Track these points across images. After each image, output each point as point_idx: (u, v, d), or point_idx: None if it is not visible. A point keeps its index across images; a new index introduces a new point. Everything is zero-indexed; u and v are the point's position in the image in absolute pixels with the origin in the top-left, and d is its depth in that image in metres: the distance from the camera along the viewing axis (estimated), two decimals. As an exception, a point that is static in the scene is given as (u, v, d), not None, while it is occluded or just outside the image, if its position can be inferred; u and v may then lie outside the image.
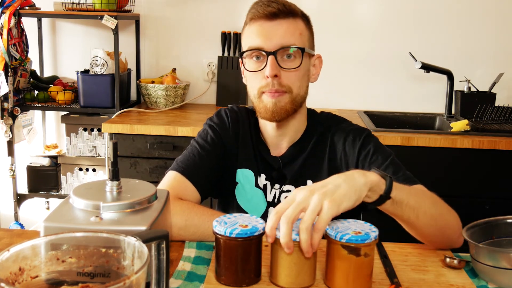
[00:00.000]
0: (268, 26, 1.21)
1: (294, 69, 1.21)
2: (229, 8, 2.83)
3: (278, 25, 1.21)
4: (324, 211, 0.89)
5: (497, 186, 2.30)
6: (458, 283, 0.98)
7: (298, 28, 1.23)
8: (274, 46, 1.20)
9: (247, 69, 1.25)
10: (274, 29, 1.21)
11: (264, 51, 1.20)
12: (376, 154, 1.25)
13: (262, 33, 1.21)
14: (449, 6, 2.75)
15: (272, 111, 1.23)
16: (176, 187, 1.23)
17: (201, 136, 1.35)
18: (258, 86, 1.23)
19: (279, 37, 1.20)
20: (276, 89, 1.21)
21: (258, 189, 1.33)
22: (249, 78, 1.27)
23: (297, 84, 1.23)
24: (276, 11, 1.20)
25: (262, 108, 1.24)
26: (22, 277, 0.68)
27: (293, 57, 1.22)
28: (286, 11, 1.21)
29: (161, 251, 0.77)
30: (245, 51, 1.24)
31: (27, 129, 2.83)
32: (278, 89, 1.21)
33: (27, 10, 2.65)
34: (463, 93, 2.63)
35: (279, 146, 1.33)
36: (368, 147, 1.26)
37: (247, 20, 1.25)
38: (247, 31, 1.25)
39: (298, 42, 1.22)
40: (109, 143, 2.55)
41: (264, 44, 1.20)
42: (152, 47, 2.95)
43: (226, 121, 1.37)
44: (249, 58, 1.24)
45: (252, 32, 1.23)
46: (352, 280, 0.92)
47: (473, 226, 1.04)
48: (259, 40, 1.21)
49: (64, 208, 0.86)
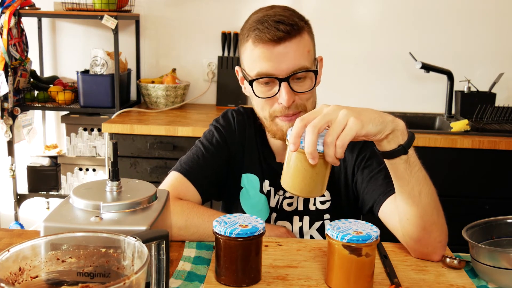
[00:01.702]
0: (277, 50, 1.13)
1: (308, 91, 1.18)
2: (229, 8, 2.83)
3: (288, 48, 1.13)
4: (349, 125, 0.88)
5: (497, 186, 2.30)
6: (458, 283, 0.98)
7: (306, 45, 1.16)
8: (286, 71, 1.13)
9: (257, 95, 1.18)
10: (283, 53, 1.13)
11: (276, 78, 1.14)
12: (372, 159, 1.23)
13: (271, 58, 1.13)
14: (449, 6, 2.75)
15: None
16: (177, 188, 1.22)
17: (207, 137, 1.33)
18: (270, 111, 1.19)
19: (290, 62, 1.13)
20: (293, 113, 1.18)
21: (262, 195, 1.31)
22: (258, 101, 1.20)
23: (310, 102, 1.20)
24: (284, 35, 1.12)
25: (277, 131, 1.21)
26: (22, 277, 0.68)
27: (303, 78, 1.17)
28: (294, 31, 1.13)
29: (161, 251, 0.77)
30: (255, 78, 1.16)
31: (27, 129, 2.83)
32: (295, 112, 1.18)
33: (27, 10, 2.65)
34: (463, 93, 2.63)
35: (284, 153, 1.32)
36: (365, 152, 1.25)
37: (248, 38, 1.16)
38: (252, 53, 1.16)
39: (308, 61, 1.16)
40: (109, 143, 2.55)
41: (275, 71, 1.13)
42: (152, 47, 2.95)
43: (233, 124, 1.35)
44: (258, 83, 1.17)
45: (258, 57, 1.14)
46: (353, 280, 0.92)
47: (473, 226, 1.04)
48: (268, 66, 1.13)
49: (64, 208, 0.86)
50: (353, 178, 1.26)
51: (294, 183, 0.93)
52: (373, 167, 1.22)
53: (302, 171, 0.91)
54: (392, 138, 0.94)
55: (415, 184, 0.99)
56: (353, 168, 1.26)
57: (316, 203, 1.29)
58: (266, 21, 1.13)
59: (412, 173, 0.98)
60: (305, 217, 1.29)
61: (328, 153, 0.87)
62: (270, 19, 1.13)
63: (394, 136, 0.94)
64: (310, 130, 0.87)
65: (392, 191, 1.12)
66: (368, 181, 1.21)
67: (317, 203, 1.29)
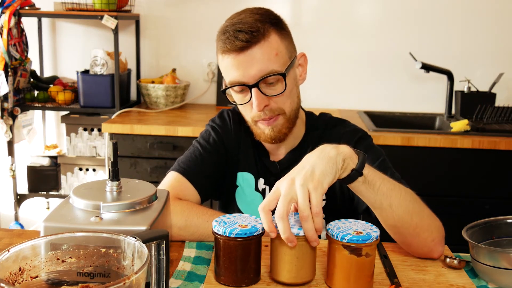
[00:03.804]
0: (241, 58, 1.15)
1: (281, 94, 1.18)
2: (229, 8, 2.80)
3: (251, 54, 1.14)
4: (313, 195, 0.91)
5: (497, 186, 2.29)
6: (458, 283, 0.98)
7: (273, 48, 1.16)
8: (254, 77, 1.15)
9: (235, 102, 1.23)
10: (248, 61, 1.14)
11: (245, 85, 1.16)
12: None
13: (237, 66, 1.15)
14: (449, 7, 2.75)
15: (271, 137, 1.22)
16: (176, 188, 1.22)
17: (203, 137, 1.35)
18: (250, 116, 1.22)
19: (256, 68, 1.14)
20: (269, 116, 1.20)
21: (257, 193, 1.32)
22: (240, 108, 1.26)
23: (288, 103, 1.21)
24: (244, 44, 1.13)
25: (260, 134, 1.24)
26: (22, 277, 0.69)
27: (274, 81, 1.17)
28: (255, 38, 1.13)
29: (161, 251, 0.77)
30: (227, 87, 1.20)
31: (27, 129, 2.83)
32: (271, 115, 1.20)
33: (27, 10, 2.65)
34: (463, 93, 2.63)
35: (277, 152, 1.33)
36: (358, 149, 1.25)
37: (218, 50, 1.20)
38: (222, 63, 1.19)
39: (277, 64, 1.16)
40: (109, 143, 2.55)
41: (243, 78, 1.16)
42: (152, 47, 2.95)
43: (228, 123, 1.36)
44: (232, 90, 1.21)
45: (227, 66, 1.18)
46: (353, 280, 0.92)
47: (473, 226, 1.04)
48: (236, 74, 1.16)
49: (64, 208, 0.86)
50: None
51: (277, 270, 0.94)
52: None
53: (284, 257, 0.93)
54: (345, 166, 0.97)
55: (383, 199, 1.01)
56: None
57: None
58: (227, 31, 1.16)
59: (374, 190, 1.00)
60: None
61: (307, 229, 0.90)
62: (231, 28, 1.16)
63: (345, 164, 0.97)
64: (278, 218, 0.90)
65: None
66: None
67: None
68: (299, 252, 0.92)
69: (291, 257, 0.92)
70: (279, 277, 0.94)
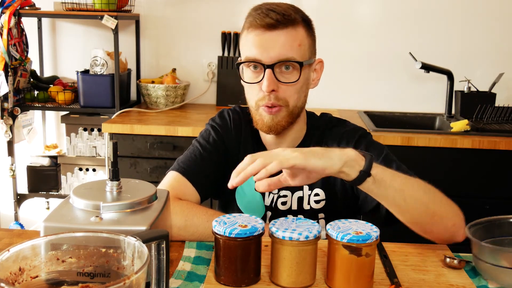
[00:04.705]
0: (266, 37, 1.16)
1: (292, 83, 1.19)
2: (229, 8, 2.83)
3: (277, 36, 1.16)
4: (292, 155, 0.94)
5: (497, 186, 2.29)
6: (458, 283, 0.98)
7: (298, 38, 1.18)
8: (272, 59, 1.16)
9: (244, 79, 1.22)
10: (272, 40, 1.16)
11: (262, 63, 1.17)
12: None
13: (259, 44, 1.16)
14: (449, 6, 2.75)
15: (268, 126, 1.22)
16: (176, 188, 1.22)
17: (203, 137, 1.34)
18: (255, 99, 1.22)
19: (277, 50, 1.15)
20: (272, 103, 1.19)
21: (257, 193, 1.32)
22: (247, 88, 1.25)
23: (294, 97, 1.21)
24: (274, 22, 1.15)
25: (259, 120, 1.23)
26: (22, 277, 0.68)
27: (291, 69, 1.18)
28: (285, 21, 1.15)
29: (161, 251, 0.77)
30: (242, 62, 1.21)
31: (27, 129, 2.83)
32: (275, 103, 1.19)
33: (27, 10, 2.65)
34: (463, 93, 2.63)
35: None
36: (360, 147, 1.25)
37: (245, 26, 1.21)
38: (245, 39, 1.20)
39: (297, 54, 1.17)
40: (109, 143, 2.55)
41: (261, 56, 1.16)
42: (152, 47, 2.95)
43: (229, 123, 1.36)
44: (246, 67, 1.21)
45: (249, 42, 1.18)
46: (353, 280, 0.92)
47: (475, 224, 1.04)
48: (256, 51, 1.17)
49: (64, 208, 0.86)
50: None
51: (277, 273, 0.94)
52: None
53: (284, 261, 0.93)
54: (350, 169, 0.97)
55: (396, 195, 1.01)
56: None
57: (310, 202, 1.29)
58: (260, 8, 1.18)
59: (386, 187, 1.00)
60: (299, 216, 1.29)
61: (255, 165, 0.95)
62: (265, 7, 1.18)
63: (350, 167, 0.97)
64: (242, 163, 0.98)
65: None
66: None
67: (312, 202, 1.29)
68: (299, 257, 0.92)
69: (291, 261, 0.92)
70: (279, 281, 0.94)
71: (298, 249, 0.91)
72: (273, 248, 0.94)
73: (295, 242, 0.91)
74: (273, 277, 0.95)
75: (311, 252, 0.93)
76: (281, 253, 0.92)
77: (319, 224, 0.97)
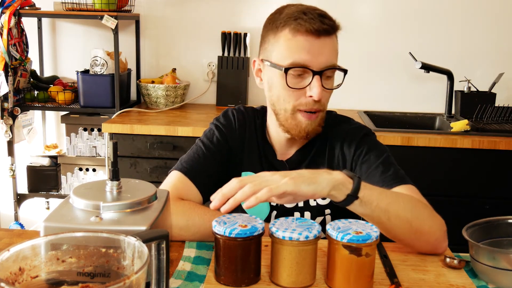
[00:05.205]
0: (317, 43, 1.15)
1: (332, 89, 1.21)
2: (229, 8, 2.83)
3: (325, 43, 1.16)
4: (281, 182, 0.94)
5: (497, 186, 2.29)
6: (458, 283, 0.98)
7: (336, 45, 1.20)
8: (321, 65, 1.16)
9: (290, 85, 1.17)
10: (321, 47, 1.15)
11: (311, 69, 1.16)
12: (369, 153, 1.25)
13: (310, 50, 1.15)
14: (449, 6, 2.75)
15: (307, 131, 1.21)
16: (178, 188, 1.22)
17: (207, 136, 1.34)
18: (295, 103, 1.19)
19: (325, 57, 1.16)
20: (316, 109, 1.19)
21: None
22: (284, 92, 1.20)
23: (327, 103, 1.23)
24: (328, 29, 1.15)
25: (294, 126, 1.21)
26: (22, 277, 0.68)
27: (331, 76, 1.20)
28: (334, 28, 1.17)
29: (161, 251, 0.77)
30: (290, 67, 1.16)
31: (27, 129, 2.83)
32: (318, 109, 1.20)
33: (27, 10, 2.65)
34: (463, 93, 2.63)
35: (286, 151, 1.32)
36: (363, 146, 1.26)
37: (285, 26, 1.17)
38: (290, 43, 1.16)
39: (336, 60, 1.20)
40: (109, 143, 2.55)
41: (311, 63, 1.15)
42: (152, 47, 2.95)
43: (233, 122, 1.35)
44: (291, 72, 1.17)
45: (298, 47, 1.15)
46: (353, 280, 0.92)
47: (473, 225, 1.04)
48: (306, 58, 1.15)
49: (64, 208, 0.86)
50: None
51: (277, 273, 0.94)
52: (370, 162, 1.23)
53: (284, 261, 0.93)
54: (338, 192, 0.98)
55: (380, 214, 1.02)
56: (351, 163, 1.27)
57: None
58: (310, 12, 1.17)
59: (372, 208, 1.01)
60: (306, 213, 1.29)
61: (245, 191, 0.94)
62: (314, 12, 1.17)
63: (337, 190, 0.98)
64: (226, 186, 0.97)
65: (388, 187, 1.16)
66: (366, 177, 1.22)
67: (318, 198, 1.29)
68: (299, 257, 0.92)
69: (291, 261, 0.92)
70: (279, 281, 0.94)
71: (298, 249, 0.91)
72: (273, 248, 0.94)
73: (295, 242, 0.91)
74: (273, 277, 0.95)
75: (311, 252, 0.93)
76: (281, 253, 0.92)
77: (319, 224, 0.97)
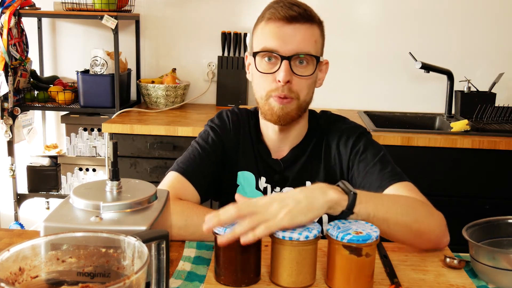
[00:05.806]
0: (286, 29, 1.18)
1: (306, 77, 1.21)
2: (229, 8, 2.83)
3: (296, 29, 1.18)
4: (278, 218, 0.92)
5: (497, 186, 2.29)
6: (458, 283, 0.98)
7: (314, 35, 1.22)
8: (290, 51, 1.18)
9: (258, 69, 1.22)
10: (292, 33, 1.18)
11: (279, 55, 1.18)
12: (366, 152, 1.26)
13: (279, 35, 1.18)
14: (449, 6, 2.75)
15: (278, 116, 1.22)
16: (176, 188, 1.22)
17: (202, 137, 1.35)
18: (267, 89, 1.22)
19: (296, 43, 1.18)
20: (285, 95, 1.20)
21: (258, 192, 1.32)
22: (258, 78, 1.24)
23: (305, 91, 1.22)
24: (296, 15, 1.18)
25: (268, 111, 1.23)
26: (22, 277, 0.68)
27: (305, 63, 1.20)
28: (306, 16, 1.19)
29: (161, 251, 0.77)
30: (258, 51, 1.21)
31: (27, 129, 2.83)
32: (287, 95, 1.20)
33: (27, 10, 2.65)
34: (463, 93, 2.63)
35: (280, 149, 1.33)
36: (359, 145, 1.27)
37: (263, 17, 1.22)
38: (263, 30, 1.22)
39: (313, 49, 1.21)
40: (109, 143, 2.55)
41: (279, 48, 1.18)
42: (152, 47, 2.95)
43: (227, 123, 1.36)
44: (261, 58, 1.22)
45: (268, 33, 1.20)
46: (353, 280, 0.92)
47: (473, 225, 1.04)
48: (275, 43, 1.18)
49: (64, 208, 0.86)
50: (348, 172, 1.28)
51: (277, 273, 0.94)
52: (368, 161, 1.24)
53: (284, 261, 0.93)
54: (333, 210, 0.98)
55: (379, 223, 1.01)
56: (348, 162, 1.28)
57: None
58: (282, 1, 1.21)
59: (369, 219, 1.00)
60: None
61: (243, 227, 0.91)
62: (286, 0, 1.20)
63: (333, 209, 0.97)
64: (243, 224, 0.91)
65: (387, 184, 1.17)
66: (364, 175, 1.23)
67: None
68: (299, 257, 0.92)
69: (291, 261, 0.92)
70: (279, 281, 0.94)
71: (298, 249, 0.91)
72: (273, 248, 0.94)
73: (295, 242, 0.91)
74: (273, 277, 0.95)
75: (311, 252, 0.93)
76: (281, 253, 0.92)
77: (319, 224, 0.97)
